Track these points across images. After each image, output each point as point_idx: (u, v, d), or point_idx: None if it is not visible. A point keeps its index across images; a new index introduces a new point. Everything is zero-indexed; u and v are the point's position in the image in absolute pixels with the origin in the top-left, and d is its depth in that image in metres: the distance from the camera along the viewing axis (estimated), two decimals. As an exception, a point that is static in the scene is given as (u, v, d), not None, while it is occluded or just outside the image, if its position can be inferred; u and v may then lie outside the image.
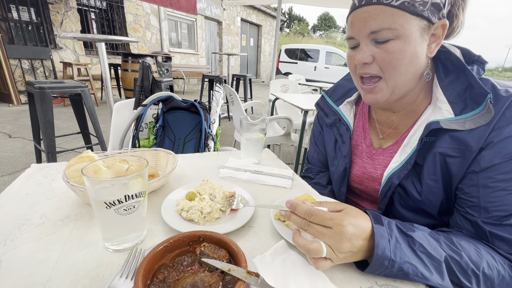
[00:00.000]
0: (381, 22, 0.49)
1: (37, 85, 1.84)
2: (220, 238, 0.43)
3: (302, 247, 0.42)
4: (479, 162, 0.50)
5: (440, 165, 0.54)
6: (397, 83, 0.54)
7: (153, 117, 1.34)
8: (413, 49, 0.51)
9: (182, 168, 0.81)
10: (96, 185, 0.41)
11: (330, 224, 0.41)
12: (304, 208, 0.43)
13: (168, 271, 0.39)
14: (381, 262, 0.40)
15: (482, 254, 0.46)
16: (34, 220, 0.52)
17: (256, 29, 12.38)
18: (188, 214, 0.54)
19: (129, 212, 0.43)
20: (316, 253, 0.40)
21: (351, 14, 0.54)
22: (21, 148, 2.92)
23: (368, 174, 0.69)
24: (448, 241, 0.46)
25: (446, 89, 0.55)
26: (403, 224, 0.46)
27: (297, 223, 0.44)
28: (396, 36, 0.50)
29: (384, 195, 0.62)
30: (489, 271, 0.45)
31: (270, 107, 2.87)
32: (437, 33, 0.53)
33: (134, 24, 6.78)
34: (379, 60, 0.52)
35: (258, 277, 0.37)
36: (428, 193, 0.56)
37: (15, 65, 4.85)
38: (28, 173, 0.71)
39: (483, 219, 0.50)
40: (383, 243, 0.40)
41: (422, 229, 0.46)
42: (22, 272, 0.40)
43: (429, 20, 0.50)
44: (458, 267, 0.43)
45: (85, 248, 0.46)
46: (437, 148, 0.54)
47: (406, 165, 0.58)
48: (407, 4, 0.48)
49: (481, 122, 0.49)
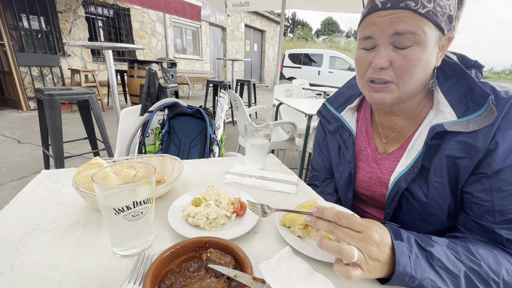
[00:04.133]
0: (407, 25, 0.49)
1: (46, 92, 1.88)
2: (226, 244, 0.44)
3: (334, 248, 0.40)
4: (490, 165, 0.50)
5: (447, 168, 0.54)
6: (408, 89, 0.55)
7: (159, 123, 1.36)
8: (428, 57, 0.52)
9: (188, 173, 0.82)
10: (106, 191, 0.42)
11: (359, 228, 0.41)
12: (333, 211, 0.43)
13: (175, 276, 0.40)
14: (402, 278, 0.40)
15: (500, 261, 0.46)
16: (45, 225, 0.54)
17: (260, 35, 12.50)
18: (194, 220, 0.55)
19: (137, 218, 0.44)
20: (349, 255, 0.39)
21: (372, 14, 0.53)
22: (29, 154, 2.97)
23: (375, 178, 0.69)
24: (466, 251, 0.46)
25: (447, 92, 0.56)
26: (421, 238, 0.46)
27: (324, 227, 0.43)
28: (417, 42, 0.50)
29: (391, 200, 0.62)
30: (508, 278, 0.45)
31: (274, 112, 2.88)
32: (445, 44, 0.54)
33: (140, 31, 6.92)
34: (396, 65, 0.52)
35: (264, 284, 0.37)
36: (435, 195, 0.56)
37: (24, 72, 4.98)
38: (39, 179, 0.73)
39: (497, 223, 0.49)
40: (404, 260, 0.40)
41: (440, 242, 0.46)
42: (33, 277, 0.41)
43: (442, 31, 0.51)
44: (479, 278, 0.43)
45: (94, 253, 0.47)
46: (443, 151, 0.54)
47: (412, 168, 0.58)
48: (431, 13, 0.49)
49: (484, 123, 0.50)
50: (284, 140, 2.28)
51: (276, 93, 3.45)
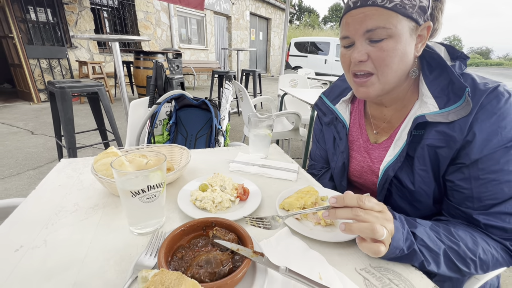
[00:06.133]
0: (376, 21, 0.53)
1: (58, 84, 1.95)
2: (230, 223, 0.49)
3: (368, 228, 0.42)
4: (468, 155, 0.53)
5: (429, 156, 0.58)
6: (388, 80, 0.57)
7: (167, 114, 1.41)
8: (404, 48, 0.54)
9: (195, 162, 0.88)
10: (123, 177, 0.48)
11: (379, 208, 0.45)
12: (354, 197, 0.44)
13: (185, 250, 0.45)
14: (394, 251, 0.45)
15: (477, 241, 0.50)
16: (69, 207, 0.60)
17: (266, 23, 12.28)
18: (201, 203, 0.60)
19: (151, 201, 0.50)
20: (381, 233, 0.42)
21: (346, 15, 0.57)
22: (43, 144, 3.09)
23: (367, 167, 0.72)
24: (447, 232, 0.51)
25: (431, 84, 0.59)
26: (407, 219, 0.51)
27: (347, 214, 0.44)
28: (390, 35, 0.53)
29: (382, 188, 0.66)
30: (484, 256, 0.50)
31: (279, 102, 2.90)
32: (423, 34, 0.56)
33: (145, 21, 6.90)
34: (373, 57, 0.56)
35: (263, 257, 0.43)
36: (421, 182, 0.60)
37: (34, 64, 5.08)
38: (59, 167, 0.79)
39: (476, 209, 0.53)
40: (399, 235, 0.45)
41: (423, 224, 0.51)
42: (64, 250, 0.47)
43: (416, 22, 0.54)
44: (457, 256, 0.48)
45: (113, 232, 0.53)
46: (425, 140, 0.57)
47: (399, 157, 0.61)
48: (399, 6, 0.52)
49: (462, 114, 0.53)
50: (288, 130, 2.31)
51: (281, 83, 3.45)
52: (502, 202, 0.51)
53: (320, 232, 0.55)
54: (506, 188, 0.50)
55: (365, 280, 0.44)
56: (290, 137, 2.38)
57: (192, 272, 0.39)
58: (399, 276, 0.45)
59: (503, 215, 0.51)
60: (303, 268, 0.44)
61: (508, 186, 0.50)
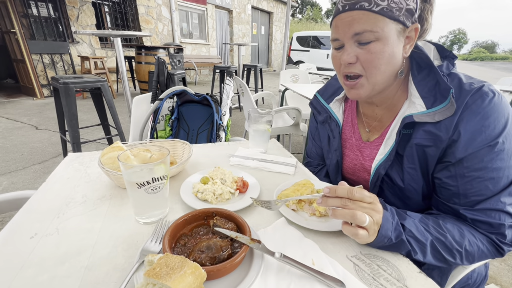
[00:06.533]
0: (363, 25, 0.54)
1: (62, 80, 1.98)
2: (230, 213, 0.52)
3: (348, 214, 0.46)
4: (454, 154, 0.55)
5: (417, 155, 0.60)
6: (377, 81, 0.60)
7: (169, 110, 1.44)
8: (391, 49, 0.56)
9: (196, 156, 0.91)
10: (129, 170, 0.51)
11: (369, 200, 0.48)
12: (345, 188, 0.48)
13: (188, 238, 0.49)
14: (382, 239, 0.48)
15: (464, 234, 0.53)
16: (77, 199, 0.63)
17: (267, 17, 12.18)
18: (202, 195, 0.63)
19: (155, 192, 0.53)
20: (361, 219, 0.45)
21: (336, 18, 0.59)
22: (47, 139, 3.14)
23: (359, 165, 0.75)
24: (435, 224, 0.53)
25: (419, 85, 0.61)
26: (398, 211, 0.54)
27: (336, 203, 0.48)
28: (377, 38, 0.55)
29: (374, 185, 0.69)
30: (470, 248, 0.53)
31: (280, 98, 2.92)
32: (411, 36, 0.58)
33: (146, 16, 6.88)
34: (362, 59, 0.58)
35: (260, 243, 0.46)
36: (410, 180, 0.63)
37: (36, 60, 5.10)
38: (66, 161, 0.83)
39: (462, 205, 0.56)
40: (388, 225, 0.48)
41: (413, 216, 0.54)
42: (75, 237, 0.51)
43: (404, 24, 0.55)
44: (443, 247, 0.52)
45: (120, 221, 0.56)
46: (413, 140, 0.60)
47: (389, 156, 0.64)
48: (386, 10, 0.53)
49: (447, 114, 0.55)
50: (289, 125, 2.34)
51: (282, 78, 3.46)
52: (487, 198, 0.53)
53: (314, 222, 0.58)
54: (491, 185, 0.53)
55: (355, 266, 0.47)
56: (290, 132, 2.40)
57: (194, 256, 0.42)
58: (387, 262, 0.48)
59: (489, 210, 0.53)
60: (297, 254, 0.47)
61: (492, 183, 0.53)
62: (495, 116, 0.52)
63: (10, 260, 0.45)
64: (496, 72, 18.56)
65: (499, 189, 0.53)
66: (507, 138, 0.52)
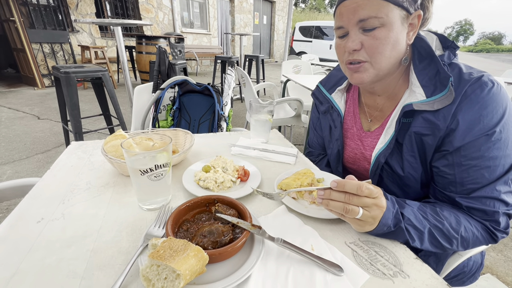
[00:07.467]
0: (368, 11, 0.54)
1: (62, 70, 1.97)
2: (231, 200, 0.53)
3: (340, 207, 0.47)
4: (451, 143, 0.56)
5: (416, 143, 0.61)
6: (382, 67, 0.59)
7: (170, 99, 1.44)
8: (396, 36, 0.56)
9: (198, 146, 0.92)
10: (133, 157, 0.52)
11: (375, 195, 0.48)
12: (355, 184, 0.46)
13: (190, 224, 0.50)
14: (382, 227, 0.49)
15: (460, 220, 0.54)
16: (82, 186, 0.65)
17: (270, 6, 11.93)
18: (204, 183, 0.64)
19: (158, 179, 0.54)
20: (353, 212, 0.46)
21: (340, 5, 0.59)
22: (49, 129, 3.16)
23: (360, 154, 0.76)
24: (433, 212, 0.55)
25: (420, 74, 0.61)
26: (398, 200, 0.54)
27: (340, 198, 0.47)
28: (382, 24, 0.55)
29: (374, 173, 0.70)
30: (465, 234, 0.54)
31: (282, 89, 2.90)
32: (414, 23, 0.58)
33: (147, 4, 6.76)
34: (366, 46, 0.57)
35: (260, 229, 0.47)
36: (409, 168, 0.63)
37: (36, 49, 5.06)
38: (70, 149, 0.84)
39: (458, 193, 0.57)
40: (389, 214, 0.49)
41: (412, 204, 0.55)
42: (80, 222, 0.52)
43: (407, 11, 0.55)
44: (440, 233, 0.53)
45: (124, 207, 0.58)
46: (412, 128, 0.60)
47: (389, 145, 0.64)
48: None
49: (446, 103, 0.55)
50: (290, 116, 2.33)
51: (284, 69, 3.43)
52: (482, 186, 0.54)
53: (314, 210, 0.59)
54: (487, 174, 0.54)
55: (353, 252, 0.48)
56: (292, 124, 2.40)
57: (196, 240, 0.43)
58: (385, 249, 0.49)
59: (484, 198, 0.54)
60: (297, 240, 0.49)
61: (488, 171, 0.53)
62: (493, 106, 0.53)
63: (19, 243, 0.46)
64: (501, 64, 18.24)
65: (495, 178, 0.54)
66: (504, 128, 0.53)
